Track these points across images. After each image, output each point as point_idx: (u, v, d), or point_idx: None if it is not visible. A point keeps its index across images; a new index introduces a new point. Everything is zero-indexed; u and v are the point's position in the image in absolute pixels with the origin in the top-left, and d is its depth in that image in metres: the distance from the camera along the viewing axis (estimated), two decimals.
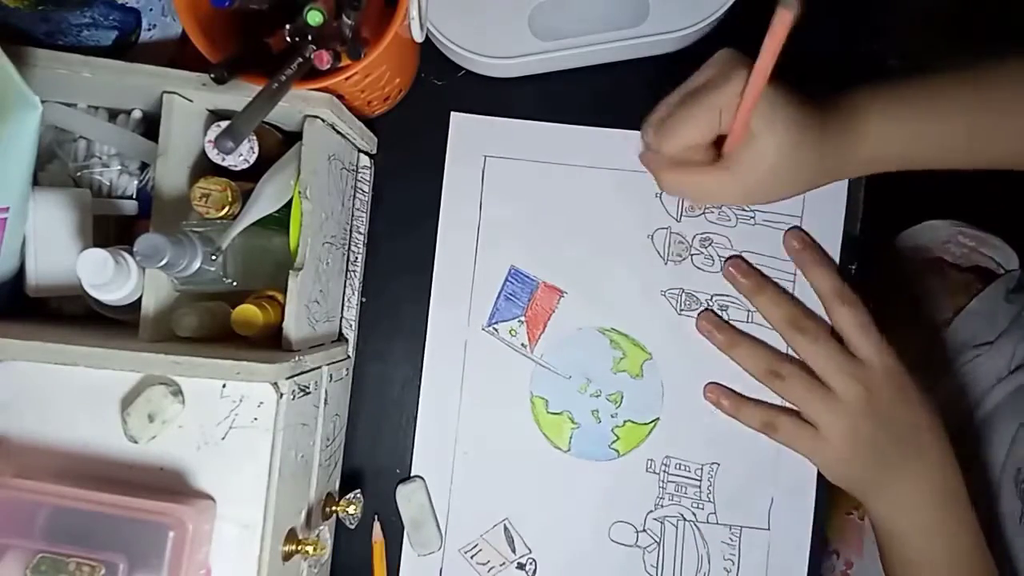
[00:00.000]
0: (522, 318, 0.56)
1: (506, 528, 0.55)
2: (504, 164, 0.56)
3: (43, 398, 0.43)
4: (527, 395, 0.56)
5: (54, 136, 0.50)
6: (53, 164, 0.50)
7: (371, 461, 0.57)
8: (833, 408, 0.49)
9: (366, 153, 0.56)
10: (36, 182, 0.48)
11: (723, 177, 0.45)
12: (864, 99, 0.46)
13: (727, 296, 0.55)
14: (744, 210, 0.55)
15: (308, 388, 0.47)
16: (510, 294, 0.56)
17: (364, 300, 0.57)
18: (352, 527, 0.53)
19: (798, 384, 0.51)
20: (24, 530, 0.39)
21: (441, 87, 0.57)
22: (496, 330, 0.56)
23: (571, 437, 0.55)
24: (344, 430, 0.56)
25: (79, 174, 0.50)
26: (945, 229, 0.67)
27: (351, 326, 0.55)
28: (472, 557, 0.55)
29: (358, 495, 0.52)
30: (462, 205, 0.57)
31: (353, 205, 0.55)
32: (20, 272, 0.48)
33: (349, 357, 0.55)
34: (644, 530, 0.55)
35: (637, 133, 0.55)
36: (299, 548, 0.45)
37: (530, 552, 0.55)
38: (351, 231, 0.55)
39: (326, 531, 0.51)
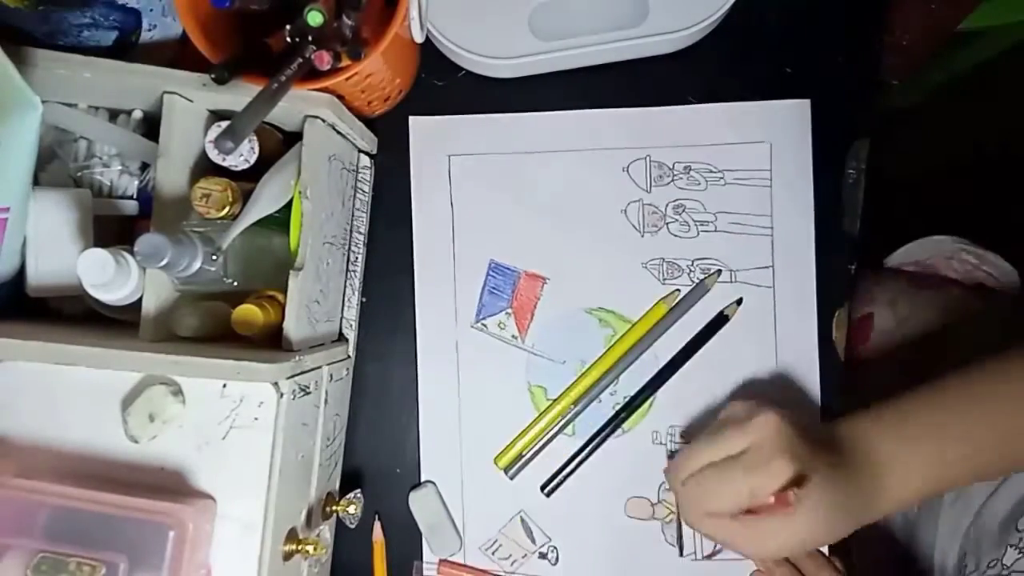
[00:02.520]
0: (509, 310, 0.56)
1: (523, 520, 0.55)
2: (468, 160, 0.57)
3: (43, 398, 0.43)
4: (525, 386, 0.56)
5: (54, 136, 0.50)
6: (53, 164, 0.50)
7: (371, 461, 0.57)
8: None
9: (366, 153, 0.56)
10: (37, 182, 0.48)
11: (780, 528, 0.44)
12: (879, 445, 0.45)
13: (708, 259, 0.55)
14: (713, 171, 0.55)
15: (308, 388, 0.47)
16: (493, 288, 0.56)
17: (364, 300, 0.57)
18: (352, 527, 0.53)
19: None
20: (25, 530, 0.39)
21: (441, 87, 0.57)
22: (485, 325, 0.56)
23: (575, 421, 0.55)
24: (344, 430, 0.56)
25: (79, 174, 0.50)
26: (948, 245, 0.67)
27: (351, 326, 0.55)
28: (493, 553, 0.55)
29: (358, 495, 0.52)
30: (433, 206, 0.57)
31: (353, 205, 0.55)
32: (20, 272, 0.48)
33: (349, 357, 0.55)
34: (660, 502, 0.55)
35: (595, 112, 0.56)
36: (299, 548, 0.45)
37: (550, 540, 0.55)
38: (351, 231, 0.55)
39: (326, 531, 0.51)
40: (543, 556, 0.55)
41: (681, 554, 0.54)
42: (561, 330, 0.56)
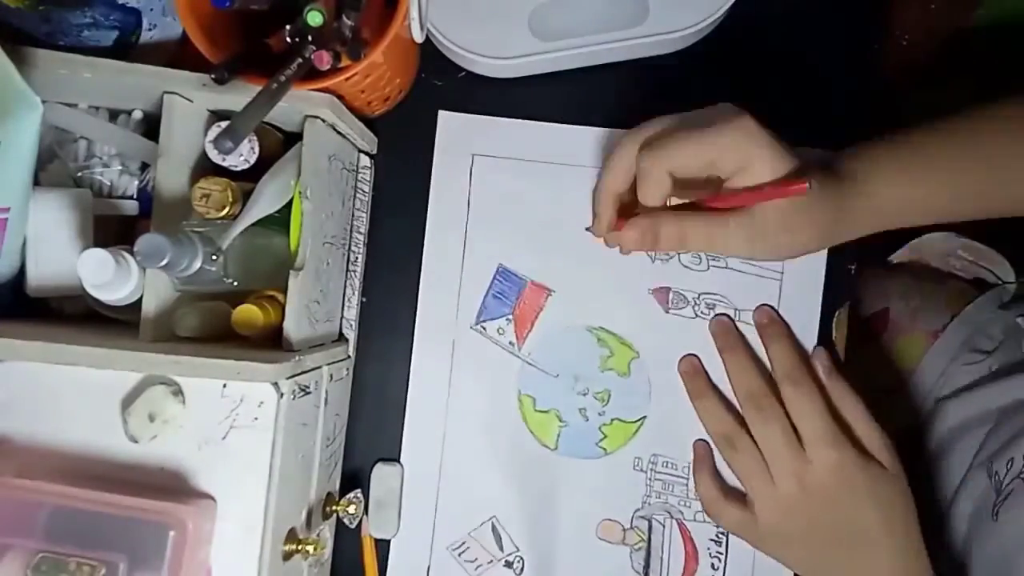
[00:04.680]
0: (510, 316, 0.56)
1: (494, 526, 0.55)
2: (492, 163, 0.56)
3: (43, 398, 0.43)
4: (515, 393, 0.56)
5: (55, 136, 0.50)
6: (54, 164, 0.50)
7: (371, 461, 0.57)
8: (770, 495, 0.49)
9: (366, 153, 0.56)
10: (37, 182, 0.48)
11: (736, 227, 0.45)
12: (864, 161, 0.47)
13: (714, 295, 0.55)
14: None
15: (308, 388, 0.47)
16: (498, 293, 0.56)
17: (364, 300, 0.57)
18: (352, 527, 0.53)
19: (747, 460, 0.50)
20: (25, 530, 0.39)
21: (441, 87, 0.57)
22: (484, 328, 0.56)
23: (559, 435, 0.55)
24: (344, 430, 0.56)
25: (80, 174, 0.50)
26: (946, 241, 0.67)
27: (351, 326, 0.55)
28: (460, 555, 0.55)
29: (358, 495, 0.52)
30: (450, 203, 0.56)
31: (353, 205, 0.55)
32: (20, 272, 0.48)
33: (349, 357, 0.55)
34: (632, 528, 0.55)
35: (624, 131, 0.55)
36: (299, 548, 0.45)
37: (518, 550, 0.55)
38: (351, 231, 0.55)
39: (326, 531, 0.51)
40: (508, 565, 0.55)
41: None
42: (559, 343, 0.56)
